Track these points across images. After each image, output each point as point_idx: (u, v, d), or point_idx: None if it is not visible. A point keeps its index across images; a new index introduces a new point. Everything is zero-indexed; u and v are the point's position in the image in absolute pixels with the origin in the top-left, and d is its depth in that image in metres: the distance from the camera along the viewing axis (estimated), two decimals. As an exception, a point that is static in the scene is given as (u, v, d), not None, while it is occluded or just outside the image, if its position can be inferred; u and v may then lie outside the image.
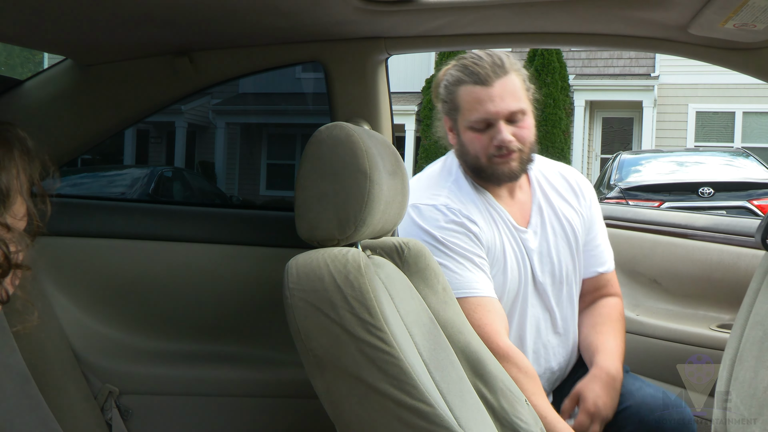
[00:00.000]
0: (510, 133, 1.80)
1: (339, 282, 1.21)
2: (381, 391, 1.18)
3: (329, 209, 1.27)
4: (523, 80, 1.85)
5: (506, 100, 1.78)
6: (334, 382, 1.22)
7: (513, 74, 1.82)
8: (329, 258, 1.24)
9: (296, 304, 1.22)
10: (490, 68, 1.79)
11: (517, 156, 1.83)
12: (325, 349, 1.20)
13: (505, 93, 1.79)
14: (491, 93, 1.78)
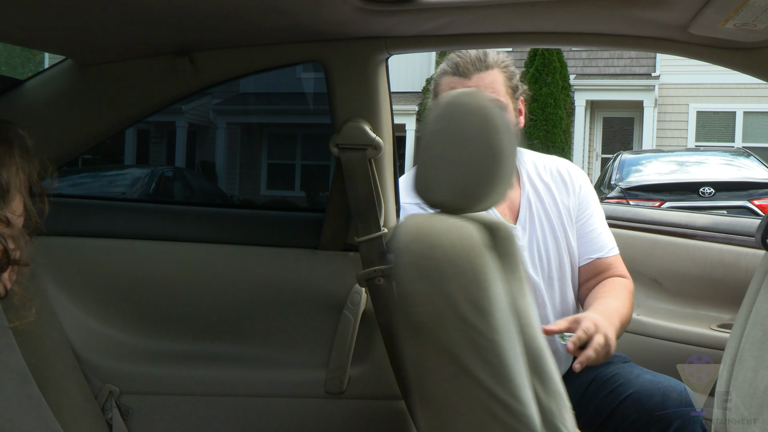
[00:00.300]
0: None
1: (452, 256, 1.16)
2: (474, 376, 1.13)
3: (451, 174, 1.23)
4: (507, 77, 1.87)
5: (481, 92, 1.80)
6: (426, 353, 1.16)
7: (496, 70, 1.85)
8: (445, 228, 1.19)
9: (404, 265, 1.17)
10: (470, 61, 1.84)
11: None
12: (426, 318, 1.15)
13: (483, 86, 1.83)
14: (467, 84, 1.83)
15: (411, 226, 1.20)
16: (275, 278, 1.80)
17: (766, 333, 1.23)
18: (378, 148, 1.68)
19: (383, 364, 1.76)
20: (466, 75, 1.84)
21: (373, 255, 1.72)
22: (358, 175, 1.69)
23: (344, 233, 1.77)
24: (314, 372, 1.77)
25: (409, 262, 1.17)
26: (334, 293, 1.76)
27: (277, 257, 1.81)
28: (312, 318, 1.78)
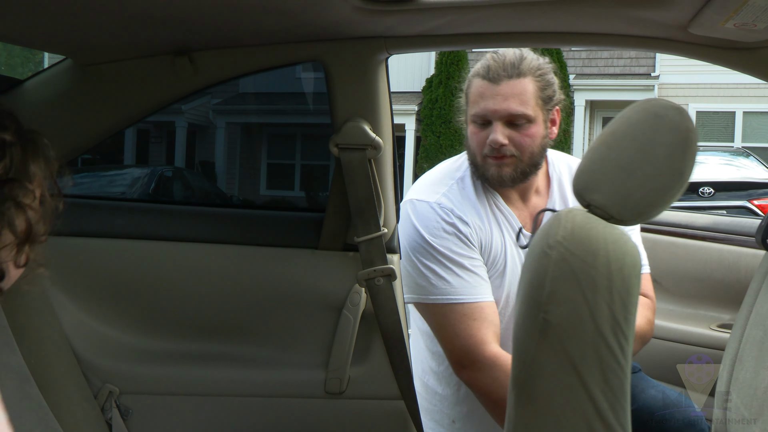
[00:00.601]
0: (506, 135, 1.77)
1: (612, 269, 1.10)
2: (591, 394, 1.09)
3: (622, 182, 1.17)
4: (540, 87, 1.80)
5: (509, 101, 1.76)
6: (547, 354, 1.12)
7: (528, 78, 1.78)
8: (610, 237, 1.13)
9: (556, 260, 1.12)
10: (502, 66, 1.77)
11: (511, 162, 1.79)
12: (561, 320, 1.10)
13: (511, 94, 1.76)
14: (495, 91, 1.77)
15: (568, 221, 1.15)
16: (275, 278, 1.80)
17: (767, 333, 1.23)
18: (378, 147, 1.68)
19: (383, 364, 1.76)
20: (495, 81, 1.78)
21: (373, 255, 1.72)
22: (358, 175, 1.69)
23: (344, 233, 1.77)
24: (314, 372, 1.77)
25: (563, 258, 1.12)
26: (334, 293, 1.76)
27: (276, 257, 1.81)
28: (311, 318, 1.78)
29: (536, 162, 1.83)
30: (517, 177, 1.81)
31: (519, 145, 1.78)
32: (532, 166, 1.83)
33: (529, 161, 1.81)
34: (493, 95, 1.77)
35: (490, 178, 1.82)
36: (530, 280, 1.15)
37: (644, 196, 1.16)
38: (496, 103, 1.76)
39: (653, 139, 1.17)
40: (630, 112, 1.22)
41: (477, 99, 1.81)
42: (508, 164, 1.79)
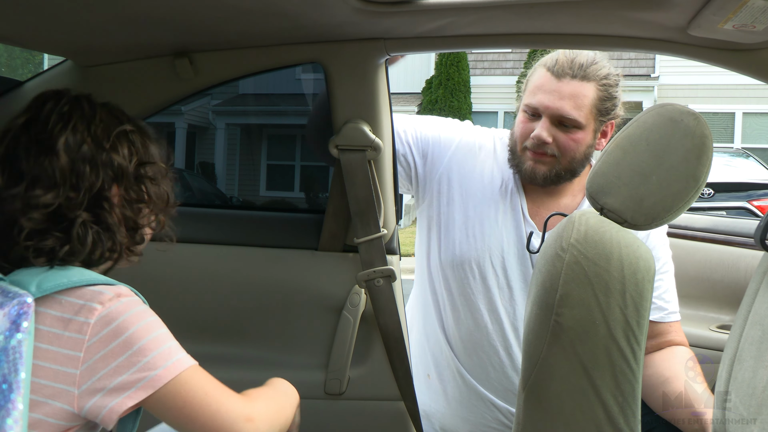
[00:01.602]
0: (551, 134, 1.73)
1: (626, 273, 1.10)
2: (601, 398, 1.09)
3: (637, 186, 1.16)
4: (600, 97, 1.73)
5: (564, 101, 1.71)
6: (559, 356, 1.11)
7: (591, 84, 1.72)
8: (623, 241, 1.13)
9: (569, 263, 1.12)
10: (569, 64, 1.72)
11: (550, 161, 1.75)
12: (573, 323, 1.10)
13: (569, 95, 1.71)
14: (555, 86, 1.72)
15: (581, 224, 1.15)
16: (275, 279, 1.80)
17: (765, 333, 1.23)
18: (377, 149, 1.68)
19: (382, 365, 1.76)
20: (559, 76, 1.72)
21: (373, 256, 1.72)
22: (358, 176, 1.69)
23: (344, 234, 1.77)
24: (314, 373, 1.77)
25: (576, 261, 1.11)
26: (334, 294, 1.76)
27: (276, 258, 1.81)
28: (311, 319, 1.78)
29: (574, 168, 1.78)
30: (550, 177, 1.77)
31: (562, 147, 1.74)
32: (569, 171, 1.78)
33: (567, 165, 1.76)
34: (551, 90, 1.72)
35: (523, 171, 1.78)
36: (542, 283, 1.15)
37: (658, 201, 1.16)
38: (551, 100, 1.72)
39: (668, 144, 1.17)
40: (645, 116, 1.22)
41: (535, 89, 1.76)
42: (546, 162, 1.76)
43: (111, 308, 0.99)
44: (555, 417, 1.14)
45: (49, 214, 1.01)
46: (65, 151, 1.03)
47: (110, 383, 0.97)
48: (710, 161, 1.18)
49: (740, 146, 12.65)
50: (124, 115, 1.13)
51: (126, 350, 0.98)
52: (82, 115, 1.07)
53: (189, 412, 1.02)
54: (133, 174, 1.07)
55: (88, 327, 0.97)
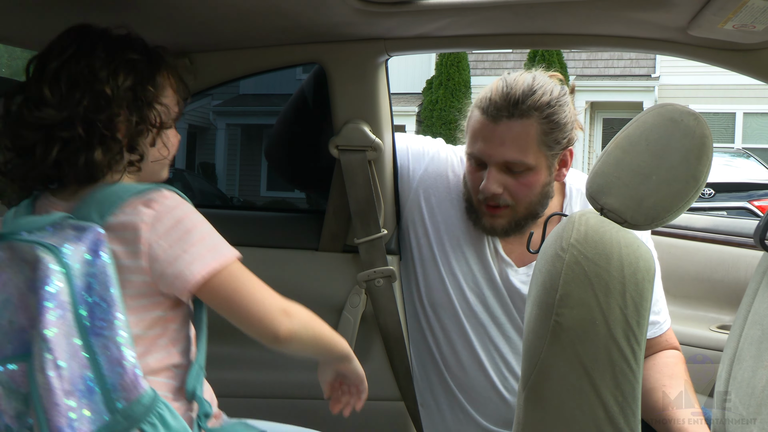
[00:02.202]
0: (500, 184, 1.60)
1: (626, 273, 1.10)
2: (601, 398, 1.09)
3: (637, 186, 1.16)
4: (545, 130, 1.58)
5: (506, 147, 1.57)
6: (559, 356, 1.11)
7: (533, 119, 1.57)
8: (623, 241, 1.13)
9: (569, 263, 1.11)
10: (505, 102, 1.57)
11: (506, 213, 1.64)
12: (573, 323, 1.10)
13: (509, 138, 1.57)
14: (493, 131, 1.58)
15: (581, 224, 1.15)
16: (275, 279, 1.79)
17: (765, 332, 1.23)
18: (378, 149, 1.68)
19: (383, 366, 1.76)
20: (494, 119, 1.57)
21: (373, 256, 1.72)
22: (358, 176, 1.69)
23: (344, 234, 1.77)
24: (314, 373, 1.77)
25: (576, 261, 1.11)
26: (334, 294, 1.76)
27: (276, 258, 1.81)
28: (312, 319, 1.78)
29: (534, 212, 1.66)
30: (510, 229, 1.67)
31: (515, 195, 1.61)
32: (528, 216, 1.66)
33: (525, 212, 1.65)
34: (490, 137, 1.58)
35: (482, 226, 1.69)
36: (542, 283, 1.15)
37: (658, 201, 1.17)
38: (492, 147, 1.58)
39: (668, 144, 1.17)
40: (645, 116, 1.22)
41: (474, 137, 1.63)
42: (503, 215, 1.64)
43: (162, 207, 1.09)
44: (555, 417, 1.15)
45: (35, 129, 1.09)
46: (54, 77, 1.11)
47: (172, 269, 1.08)
48: (710, 161, 1.18)
49: (741, 146, 12.65)
50: (140, 44, 1.20)
51: (181, 241, 1.09)
52: (83, 46, 1.15)
53: (238, 297, 1.13)
54: (124, 98, 1.12)
55: (145, 224, 1.07)
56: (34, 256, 1.00)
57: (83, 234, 1.03)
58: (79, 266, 1.02)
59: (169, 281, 1.08)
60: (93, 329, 1.02)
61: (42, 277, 0.98)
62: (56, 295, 0.99)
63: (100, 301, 1.02)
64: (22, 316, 1.03)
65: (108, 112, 1.10)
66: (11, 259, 1.04)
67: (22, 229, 1.04)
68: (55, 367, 0.97)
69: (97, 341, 1.02)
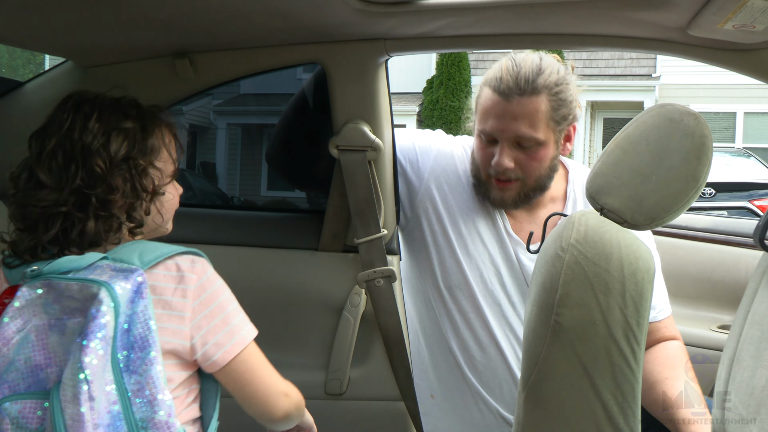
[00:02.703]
0: (512, 158, 1.68)
1: (626, 273, 1.10)
2: (601, 398, 1.09)
3: (637, 186, 1.16)
4: (553, 107, 1.66)
5: (518, 122, 1.65)
6: (559, 356, 1.12)
7: (543, 96, 1.64)
8: (623, 241, 1.13)
9: (569, 263, 1.12)
10: (515, 81, 1.64)
11: (516, 186, 1.71)
12: (573, 323, 1.10)
13: (521, 114, 1.64)
14: (505, 108, 1.65)
15: (581, 224, 1.15)
16: (275, 279, 1.80)
17: (764, 332, 1.23)
18: (378, 149, 1.68)
19: (383, 366, 1.76)
20: (506, 97, 1.64)
21: (373, 256, 1.72)
22: (358, 176, 1.69)
23: (344, 234, 1.77)
24: (314, 373, 1.77)
25: (576, 261, 1.11)
26: (334, 295, 1.76)
27: (276, 258, 1.81)
28: (312, 319, 1.78)
29: (543, 185, 1.74)
30: (520, 201, 1.74)
31: (526, 169, 1.69)
32: (537, 189, 1.74)
33: (535, 184, 1.72)
34: (502, 114, 1.65)
35: (492, 199, 1.75)
36: (542, 283, 1.15)
37: (658, 201, 1.17)
38: (504, 123, 1.65)
39: (668, 144, 1.17)
40: (645, 116, 1.22)
41: (485, 114, 1.69)
42: (512, 188, 1.72)
43: (204, 278, 1.16)
44: (555, 417, 1.15)
45: (40, 209, 1.13)
46: (52, 155, 1.15)
47: (212, 339, 1.15)
48: (710, 161, 1.19)
49: (741, 146, 12.65)
50: (132, 109, 1.22)
51: (220, 313, 1.16)
52: (79, 119, 1.17)
53: (249, 379, 1.20)
54: (117, 169, 1.15)
55: (190, 292, 1.13)
56: (88, 293, 1.03)
57: (128, 276, 1.06)
58: (124, 306, 1.05)
59: (199, 355, 1.15)
60: (128, 367, 1.05)
61: (94, 314, 1.01)
62: (104, 329, 1.01)
63: (136, 347, 1.06)
64: (39, 355, 1.06)
65: (103, 185, 1.14)
66: (41, 298, 1.06)
67: (61, 269, 1.07)
68: (89, 399, 0.99)
69: (130, 379, 1.05)
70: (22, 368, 1.05)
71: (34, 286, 1.06)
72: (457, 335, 1.84)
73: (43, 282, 1.06)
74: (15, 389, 1.05)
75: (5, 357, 1.05)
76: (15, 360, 1.05)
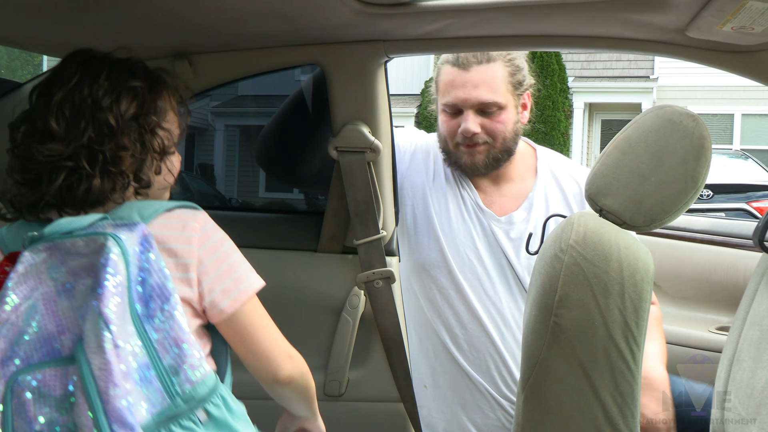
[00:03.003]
0: (478, 124, 1.78)
1: (625, 274, 1.10)
2: (600, 398, 1.10)
3: (635, 187, 1.17)
4: (510, 72, 1.80)
5: (479, 89, 1.76)
6: (558, 358, 1.12)
7: (499, 63, 1.78)
8: (623, 242, 1.13)
9: (568, 264, 1.12)
10: (472, 54, 1.76)
11: (484, 149, 1.81)
12: (572, 324, 1.10)
13: (481, 81, 1.76)
14: (465, 78, 1.77)
15: (580, 225, 1.15)
16: (274, 281, 1.79)
17: (763, 333, 1.23)
18: (377, 150, 1.68)
19: (382, 367, 1.76)
20: (465, 67, 1.77)
21: (372, 257, 1.72)
22: (357, 177, 1.69)
23: (343, 236, 1.77)
24: (313, 374, 1.77)
25: (575, 262, 1.11)
26: (333, 296, 1.76)
27: (275, 260, 1.81)
28: (311, 321, 1.78)
29: (509, 147, 1.84)
30: (489, 164, 1.83)
31: (491, 132, 1.79)
32: (504, 152, 1.83)
33: (501, 147, 1.82)
34: (463, 83, 1.77)
35: (462, 166, 1.84)
36: (541, 284, 1.15)
37: (657, 202, 1.17)
38: (467, 92, 1.77)
39: (667, 146, 1.17)
40: (644, 118, 1.22)
41: (447, 87, 1.81)
42: (481, 152, 1.81)
43: (207, 226, 1.16)
44: (554, 418, 1.15)
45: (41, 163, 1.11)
46: (59, 109, 1.12)
47: (219, 286, 1.14)
48: (709, 162, 1.19)
49: (739, 147, 12.66)
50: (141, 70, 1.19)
51: (226, 260, 1.16)
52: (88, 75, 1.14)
53: (253, 333, 1.19)
54: (127, 127, 1.13)
55: (195, 239, 1.13)
56: (95, 246, 1.01)
57: (132, 228, 1.05)
58: (132, 257, 1.03)
59: (207, 302, 1.13)
60: (148, 317, 1.03)
61: (103, 262, 0.99)
62: (116, 278, 0.99)
63: (155, 295, 1.04)
64: (50, 323, 1.03)
65: (112, 142, 1.12)
66: (46, 263, 1.03)
67: (63, 229, 1.04)
68: (114, 346, 0.97)
69: (152, 328, 1.03)
70: (34, 338, 1.02)
71: (36, 249, 1.03)
72: (439, 314, 1.87)
73: (47, 245, 1.03)
74: (29, 361, 1.01)
75: (15, 325, 1.01)
76: (25, 329, 1.02)
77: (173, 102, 1.23)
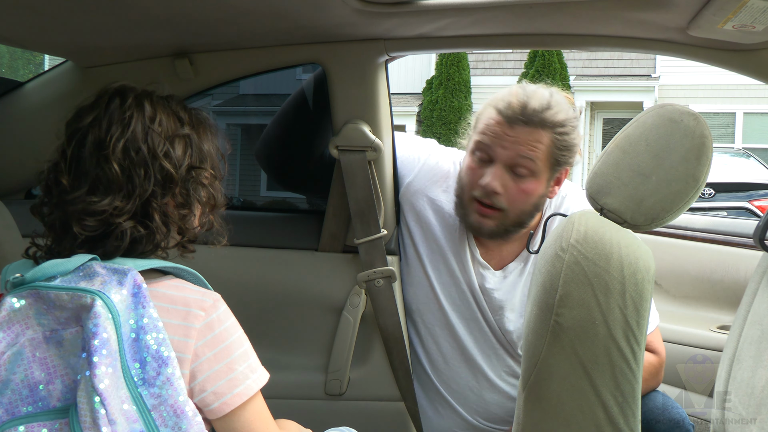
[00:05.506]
0: (502, 183, 1.61)
1: (626, 273, 1.10)
2: (601, 398, 1.10)
3: (636, 186, 1.17)
4: (556, 146, 1.61)
5: (518, 146, 1.59)
6: (559, 357, 1.12)
7: (546, 131, 1.60)
8: (623, 241, 1.13)
9: (569, 263, 1.12)
10: (521, 109, 1.60)
11: (497, 216, 1.64)
12: (572, 324, 1.10)
13: (522, 139, 1.59)
14: (507, 132, 1.61)
15: (581, 224, 1.15)
16: (275, 280, 1.80)
17: (764, 333, 1.23)
18: (377, 149, 1.68)
19: (383, 366, 1.76)
20: (510, 122, 1.60)
21: (373, 256, 1.72)
22: (358, 176, 1.69)
23: (344, 235, 1.77)
24: (314, 374, 1.77)
25: (576, 261, 1.11)
26: (334, 295, 1.76)
27: (276, 259, 1.81)
28: (311, 320, 1.78)
29: (523, 221, 1.67)
30: (496, 233, 1.67)
31: (511, 199, 1.62)
32: (517, 225, 1.67)
33: (515, 219, 1.65)
34: (503, 135, 1.61)
35: (468, 224, 1.69)
36: (542, 283, 1.16)
37: (658, 201, 1.17)
38: (503, 141, 1.60)
39: (668, 144, 1.17)
40: (645, 116, 1.22)
41: (487, 127, 1.63)
42: (493, 217, 1.65)
43: (212, 316, 1.07)
44: (555, 417, 1.15)
45: (101, 219, 1.03)
46: (122, 157, 1.04)
47: (212, 387, 1.04)
48: (710, 161, 1.19)
49: (741, 146, 12.65)
50: (184, 113, 1.12)
51: (223, 359, 1.06)
52: (142, 119, 1.06)
53: None
54: (183, 179, 1.08)
55: (194, 330, 1.04)
56: (79, 304, 0.94)
57: (122, 277, 0.97)
58: (125, 314, 0.96)
59: (197, 400, 1.04)
60: (144, 380, 0.97)
61: (92, 327, 0.92)
62: (107, 344, 0.92)
63: (152, 350, 0.97)
64: (37, 371, 0.96)
65: (169, 193, 1.06)
66: (32, 308, 0.96)
67: (46, 274, 0.96)
68: (108, 422, 0.91)
69: (148, 393, 0.96)
70: (19, 388, 0.95)
71: (19, 295, 0.95)
72: (424, 347, 1.83)
73: (30, 292, 0.95)
74: (14, 412, 0.94)
75: None
76: (9, 379, 0.95)
77: (216, 144, 1.16)
